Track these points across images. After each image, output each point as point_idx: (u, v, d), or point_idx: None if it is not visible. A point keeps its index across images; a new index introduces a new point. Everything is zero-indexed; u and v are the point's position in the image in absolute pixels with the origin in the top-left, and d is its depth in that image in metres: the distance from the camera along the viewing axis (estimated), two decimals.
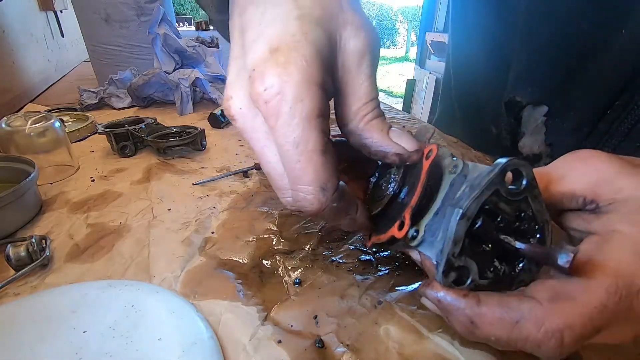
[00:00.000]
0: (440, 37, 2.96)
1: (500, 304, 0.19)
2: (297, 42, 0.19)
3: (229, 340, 0.27)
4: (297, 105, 0.19)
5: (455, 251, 0.19)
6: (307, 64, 0.19)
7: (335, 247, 0.37)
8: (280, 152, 0.20)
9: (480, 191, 0.19)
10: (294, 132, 0.19)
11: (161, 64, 0.86)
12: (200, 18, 4.48)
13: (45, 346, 0.25)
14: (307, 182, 0.20)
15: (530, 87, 0.47)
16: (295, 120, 0.19)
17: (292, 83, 0.19)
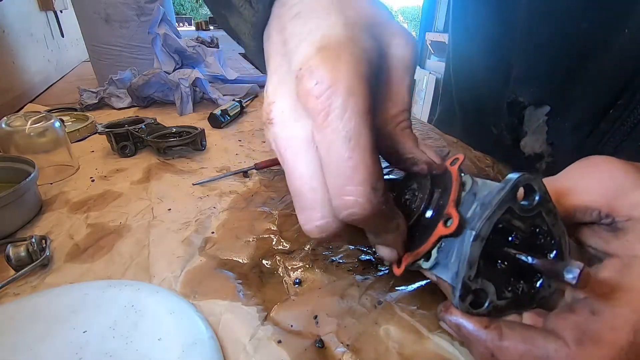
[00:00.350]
0: (440, 37, 2.96)
1: (525, 339, 0.18)
2: (346, 42, 0.19)
3: (229, 340, 0.27)
4: (350, 98, 0.18)
5: (471, 274, 0.19)
6: (357, 60, 0.19)
7: (335, 247, 0.37)
8: (327, 153, 0.19)
9: (492, 211, 0.18)
10: (346, 127, 0.18)
11: (161, 64, 0.86)
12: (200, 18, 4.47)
13: (45, 346, 0.25)
14: (358, 181, 0.18)
15: (532, 87, 0.47)
16: (347, 114, 0.18)
17: (344, 77, 0.18)
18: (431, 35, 3.12)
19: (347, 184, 0.18)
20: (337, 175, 0.18)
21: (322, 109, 0.18)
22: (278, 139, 0.21)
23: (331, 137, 0.18)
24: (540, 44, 0.44)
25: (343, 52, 0.19)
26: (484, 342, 0.19)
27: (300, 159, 0.20)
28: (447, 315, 0.20)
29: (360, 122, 0.18)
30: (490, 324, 0.19)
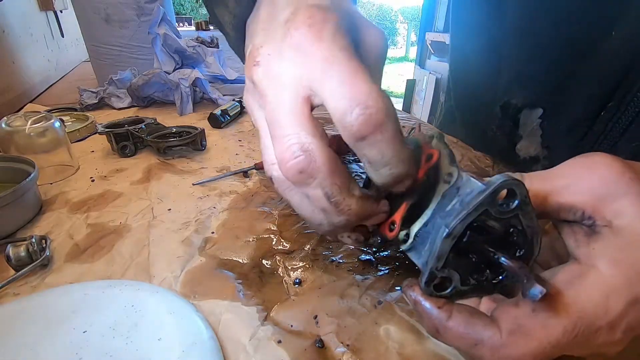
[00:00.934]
0: (440, 37, 2.96)
1: (467, 323, 0.20)
2: (331, 9, 0.20)
3: (229, 340, 0.27)
4: (338, 31, 0.20)
5: (438, 265, 0.20)
6: (342, 20, 0.20)
7: (335, 247, 0.37)
8: (322, 68, 0.20)
9: (468, 212, 0.19)
10: (340, 43, 0.20)
11: (161, 64, 0.86)
12: (200, 18, 4.48)
13: (45, 346, 0.25)
14: (362, 79, 0.19)
15: (524, 90, 0.48)
16: (338, 36, 0.20)
17: (333, 19, 0.20)
18: (431, 35, 3.12)
19: (352, 83, 0.18)
20: (337, 82, 0.19)
21: (315, 35, 0.19)
22: (260, 80, 0.21)
23: (326, 54, 0.19)
24: (531, 47, 0.45)
25: (330, 10, 0.20)
26: (433, 319, 0.21)
27: (282, 91, 0.21)
28: (410, 291, 0.22)
29: (350, 45, 0.20)
30: (443, 305, 0.21)
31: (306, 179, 0.20)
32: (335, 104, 0.19)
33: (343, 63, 0.19)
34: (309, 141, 0.20)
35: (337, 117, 0.19)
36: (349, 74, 0.19)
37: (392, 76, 6.24)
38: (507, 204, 0.19)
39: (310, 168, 0.20)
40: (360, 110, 0.18)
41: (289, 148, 0.20)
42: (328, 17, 0.20)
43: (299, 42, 0.20)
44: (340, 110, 0.18)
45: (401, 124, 0.75)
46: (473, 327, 0.20)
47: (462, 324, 0.20)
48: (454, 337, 0.21)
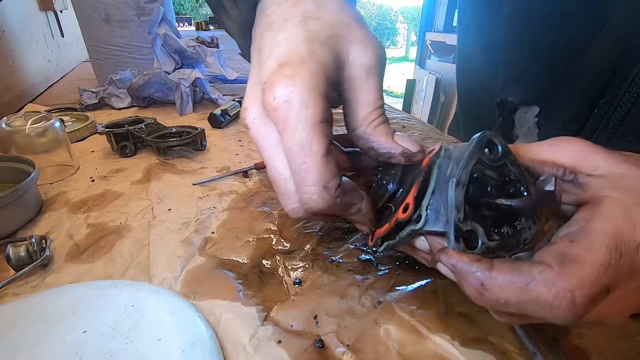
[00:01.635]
0: (440, 37, 2.96)
1: (512, 268, 0.20)
2: (303, 59, 0.22)
3: (229, 340, 0.27)
4: (303, 111, 0.21)
5: (460, 217, 0.21)
6: (311, 76, 0.22)
7: (335, 247, 0.37)
8: (288, 156, 0.23)
9: (466, 161, 0.21)
10: (300, 136, 0.22)
11: (161, 64, 0.86)
12: (200, 18, 4.47)
13: (45, 346, 0.25)
14: (311, 182, 0.22)
15: (519, 88, 0.48)
16: (301, 125, 0.21)
17: (298, 92, 0.21)
18: (431, 35, 3.12)
19: (303, 184, 0.22)
20: (296, 175, 0.23)
21: (281, 120, 0.22)
22: (255, 140, 0.24)
23: (289, 145, 0.22)
24: (525, 45, 0.45)
25: (300, 69, 0.22)
26: (475, 272, 0.20)
27: (274, 155, 0.24)
28: (444, 255, 0.22)
29: (313, 131, 0.22)
30: (481, 259, 0.21)
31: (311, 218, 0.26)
32: (293, 177, 0.23)
33: (298, 163, 0.22)
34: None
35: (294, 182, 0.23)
36: (301, 176, 0.22)
37: (393, 76, 6.24)
38: (493, 154, 0.23)
39: (310, 216, 0.25)
40: (305, 208, 0.23)
41: (289, 206, 0.25)
42: (294, 91, 0.21)
43: (274, 113, 0.22)
44: (295, 182, 0.23)
45: (401, 124, 0.75)
46: (519, 270, 0.20)
47: (507, 270, 0.20)
48: (502, 286, 0.19)
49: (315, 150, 0.22)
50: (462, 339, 0.27)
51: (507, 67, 0.49)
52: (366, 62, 0.25)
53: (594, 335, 0.27)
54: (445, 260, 0.22)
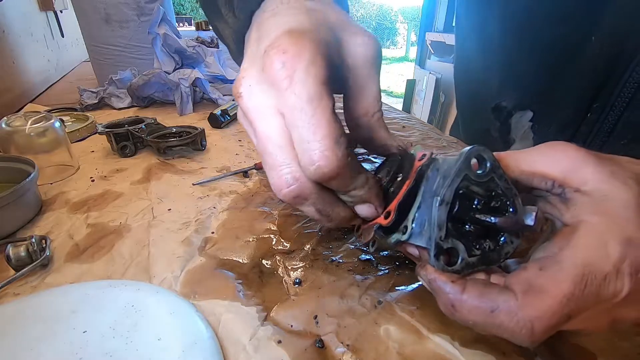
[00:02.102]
0: (440, 37, 2.96)
1: (481, 294, 0.21)
2: (310, 29, 0.22)
3: (229, 340, 0.27)
4: (312, 67, 0.21)
5: (441, 235, 0.22)
6: (318, 42, 0.22)
7: (335, 247, 0.37)
8: (292, 114, 0.21)
9: (452, 179, 0.21)
10: (309, 89, 0.20)
11: (161, 64, 0.86)
12: (200, 18, 4.47)
13: (45, 346, 0.25)
14: (322, 135, 0.20)
15: (514, 92, 0.48)
16: (310, 79, 0.21)
17: (307, 49, 0.21)
18: (431, 35, 3.12)
19: (312, 139, 0.20)
20: (302, 132, 0.21)
21: (287, 75, 0.21)
22: (247, 109, 0.23)
23: (295, 100, 0.21)
24: (519, 49, 0.45)
25: (307, 34, 0.22)
26: (448, 294, 0.22)
27: (267, 123, 0.23)
28: (422, 271, 0.23)
29: (321, 87, 0.21)
30: (456, 280, 0.22)
31: (301, 201, 0.24)
32: (298, 150, 0.21)
33: (307, 117, 0.21)
34: (299, 170, 0.22)
35: (300, 161, 0.22)
36: (310, 130, 0.21)
37: (393, 76, 6.24)
38: (482, 168, 0.22)
39: (302, 194, 0.23)
40: (314, 168, 0.21)
41: (281, 178, 0.23)
42: (302, 49, 0.21)
43: (273, 80, 0.21)
44: (301, 160, 0.21)
45: (401, 124, 0.75)
46: (487, 296, 0.21)
47: (477, 294, 0.21)
48: (470, 310, 0.21)
49: (325, 104, 0.21)
50: (462, 339, 0.27)
51: (503, 69, 0.49)
52: (370, 54, 0.25)
53: (595, 335, 0.27)
54: (424, 276, 0.23)
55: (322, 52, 0.21)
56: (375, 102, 0.26)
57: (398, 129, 0.72)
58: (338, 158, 0.21)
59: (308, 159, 0.21)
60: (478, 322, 0.21)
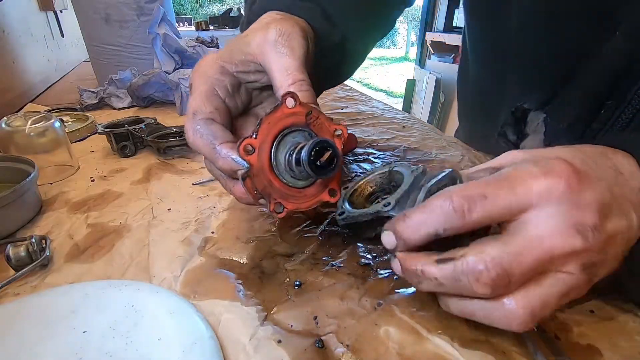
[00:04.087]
0: (440, 37, 2.96)
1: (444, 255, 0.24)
2: (218, 57, 0.34)
3: (229, 340, 0.27)
4: (199, 80, 0.33)
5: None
6: (217, 66, 0.33)
7: (335, 252, 0.37)
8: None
9: (439, 179, 0.26)
10: (193, 84, 0.33)
11: (161, 64, 0.86)
12: (200, 18, 4.46)
13: (45, 346, 0.25)
14: (188, 111, 0.32)
15: (534, 93, 0.47)
16: (194, 90, 0.33)
17: (205, 72, 0.33)
18: (431, 35, 3.12)
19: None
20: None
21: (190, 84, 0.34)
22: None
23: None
24: (534, 49, 0.45)
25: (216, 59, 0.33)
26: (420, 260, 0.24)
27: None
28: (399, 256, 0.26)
29: (202, 86, 0.32)
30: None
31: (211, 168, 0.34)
32: None
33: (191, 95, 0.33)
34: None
35: None
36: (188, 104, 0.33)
37: (393, 76, 6.23)
38: (455, 182, 0.27)
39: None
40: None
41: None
42: (200, 75, 0.33)
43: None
44: None
45: (401, 124, 0.75)
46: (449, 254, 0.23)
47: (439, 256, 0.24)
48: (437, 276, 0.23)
49: (198, 91, 0.31)
50: (462, 340, 0.27)
51: (520, 71, 0.48)
52: (268, 37, 0.31)
53: (595, 333, 0.27)
54: (401, 258, 0.25)
55: (216, 71, 0.32)
56: (281, 77, 0.30)
57: (398, 128, 0.72)
58: (190, 130, 0.30)
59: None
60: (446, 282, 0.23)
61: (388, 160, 0.57)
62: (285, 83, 0.30)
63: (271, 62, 0.31)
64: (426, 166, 0.29)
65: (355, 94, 0.97)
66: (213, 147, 0.30)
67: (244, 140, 0.27)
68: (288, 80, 0.30)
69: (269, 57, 0.31)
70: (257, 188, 0.29)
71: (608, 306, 0.30)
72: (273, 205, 0.30)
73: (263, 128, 0.28)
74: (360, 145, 0.63)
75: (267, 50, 0.31)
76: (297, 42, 0.32)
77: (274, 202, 0.30)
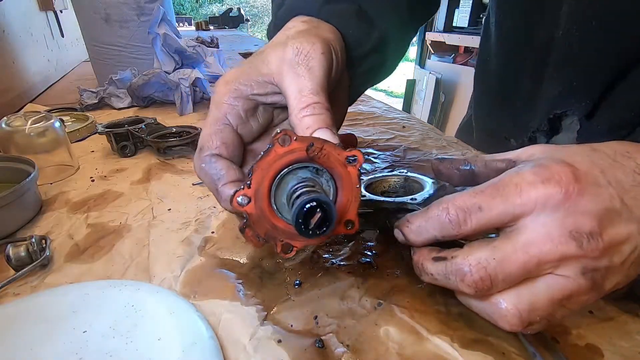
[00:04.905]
0: (440, 37, 2.96)
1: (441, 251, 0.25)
2: (233, 79, 0.32)
3: (229, 340, 0.27)
4: (219, 97, 0.32)
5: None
6: (232, 85, 0.32)
7: (336, 250, 0.37)
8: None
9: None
10: (213, 102, 0.32)
11: (161, 64, 0.86)
12: (200, 18, 4.46)
13: (45, 346, 0.25)
14: (199, 144, 0.31)
15: (577, 99, 0.44)
16: (213, 105, 0.32)
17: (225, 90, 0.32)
18: (431, 35, 3.12)
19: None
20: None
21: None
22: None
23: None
24: (581, 53, 0.42)
25: (229, 82, 0.32)
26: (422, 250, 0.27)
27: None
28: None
29: (220, 106, 0.31)
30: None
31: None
32: None
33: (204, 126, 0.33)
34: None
35: None
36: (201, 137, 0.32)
37: (392, 76, 6.24)
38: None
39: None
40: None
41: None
42: (221, 94, 0.32)
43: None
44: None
45: (401, 124, 0.74)
46: (445, 252, 0.25)
47: (437, 252, 0.26)
48: (433, 267, 0.26)
49: (212, 118, 0.31)
50: (462, 340, 0.27)
51: (562, 75, 0.45)
52: (284, 57, 0.29)
53: (594, 335, 0.27)
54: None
55: (233, 89, 0.31)
56: (294, 100, 0.28)
57: (398, 129, 0.72)
58: (196, 166, 0.31)
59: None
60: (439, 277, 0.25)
61: (388, 160, 0.57)
62: (297, 107, 0.28)
63: (286, 84, 0.29)
64: (426, 165, 0.30)
65: None
66: (216, 188, 0.29)
67: (236, 193, 0.26)
68: (300, 104, 0.28)
69: (285, 78, 0.29)
70: (259, 235, 0.27)
71: (608, 306, 0.30)
72: (280, 247, 0.28)
73: (256, 175, 0.26)
74: (360, 145, 0.63)
75: (284, 70, 0.29)
76: (316, 62, 0.29)
77: (281, 243, 0.28)
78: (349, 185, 0.27)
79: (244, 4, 9.85)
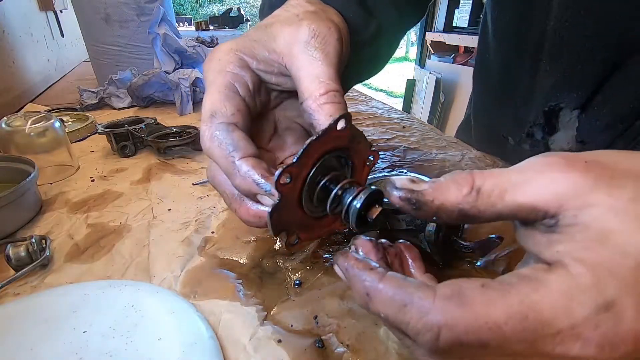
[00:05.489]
0: (440, 37, 2.96)
1: (399, 286, 0.19)
2: (233, 49, 0.28)
3: (229, 340, 0.27)
4: (211, 75, 0.28)
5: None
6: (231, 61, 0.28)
7: (336, 250, 0.37)
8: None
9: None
10: (209, 80, 0.27)
11: (161, 64, 0.86)
12: (200, 18, 4.46)
13: (45, 346, 0.25)
14: (203, 111, 0.26)
15: (572, 92, 0.44)
16: (209, 84, 0.27)
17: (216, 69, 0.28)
18: (431, 35, 3.12)
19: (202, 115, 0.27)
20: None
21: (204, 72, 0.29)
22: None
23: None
24: (575, 44, 0.42)
25: (229, 52, 0.28)
26: (364, 281, 0.20)
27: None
28: (342, 257, 0.22)
29: (218, 79, 0.27)
30: (375, 269, 0.20)
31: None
32: None
33: (206, 93, 0.28)
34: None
35: None
36: (203, 104, 0.27)
37: (393, 76, 6.24)
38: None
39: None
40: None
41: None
42: (214, 73, 0.27)
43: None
44: None
45: (401, 124, 0.74)
46: (405, 289, 0.18)
47: (394, 286, 0.19)
48: (383, 301, 0.19)
49: (215, 87, 0.26)
50: None
51: (557, 68, 0.45)
52: (298, 37, 0.26)
53: None
54: (341, 263, 0.22)
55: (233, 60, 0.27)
56: (316, 85, 0.25)
57: (398, 129, 0.72)
58: (206, 136, 0.25)
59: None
60: (389, 315, 0.19)
61: (388, 160, 0.57)
62: (315, 92, 0.25)
63: (300, 67, 0.26)
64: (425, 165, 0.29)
65: (355, 94, 0.97)
66: (232, 161, 0.24)
67: (285, 170, 0.22)
68: (320, 90, 0.25)
69: (298, 60, 0.26)
70: (282, 222, 0.24)
71: None
72: (292, 238, 0.25)
73: (306, 155, 0.22)
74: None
75: (297, 52, 0.26)
76: (332, 48, 0.27)
77: (293, 234, 0.25)
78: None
79: (244, 4, 9.84)
